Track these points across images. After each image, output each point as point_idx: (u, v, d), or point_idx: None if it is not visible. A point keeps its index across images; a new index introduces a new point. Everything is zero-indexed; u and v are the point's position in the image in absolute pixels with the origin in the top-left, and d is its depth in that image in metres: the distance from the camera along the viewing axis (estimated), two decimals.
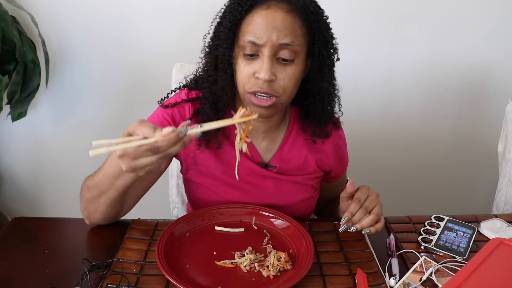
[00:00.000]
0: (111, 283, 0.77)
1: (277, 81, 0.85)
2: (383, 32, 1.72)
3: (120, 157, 0.67)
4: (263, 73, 0.82)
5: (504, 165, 1.34)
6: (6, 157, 1.93)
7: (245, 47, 0.84)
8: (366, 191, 0.89)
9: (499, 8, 1.70)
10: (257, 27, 0.82)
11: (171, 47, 1.69)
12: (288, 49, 0.83)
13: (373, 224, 0.87)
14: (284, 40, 0.82)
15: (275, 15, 0.82)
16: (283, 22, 0.82)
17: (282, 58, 0.84)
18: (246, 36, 0.83)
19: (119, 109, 1.81)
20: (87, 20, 1.67)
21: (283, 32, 0.82)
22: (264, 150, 1.01)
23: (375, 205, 0.88)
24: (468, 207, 1.96)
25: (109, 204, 0.88)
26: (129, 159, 0.67)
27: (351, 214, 0.86)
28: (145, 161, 0.67)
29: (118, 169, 0.77)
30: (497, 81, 1.81)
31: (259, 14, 0.83)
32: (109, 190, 0.84)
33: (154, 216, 0.99)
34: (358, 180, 0.91)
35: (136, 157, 0.67)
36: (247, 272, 0.81)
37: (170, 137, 0.65)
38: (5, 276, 0.81)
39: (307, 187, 1.04)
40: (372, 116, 1.86)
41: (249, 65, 0.85)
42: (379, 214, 0.88)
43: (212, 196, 1.00)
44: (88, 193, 0.88)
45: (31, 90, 1.63)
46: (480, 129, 1.91)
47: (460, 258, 0.89)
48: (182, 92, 0.99)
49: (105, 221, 0.94)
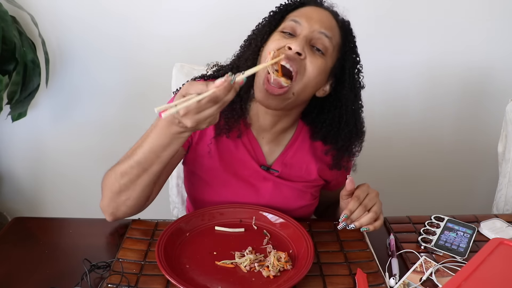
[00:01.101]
0: (111, 283, 0.77)
1: (301, 60, 0.86)
2: (383, 32, 1.72)
3: (184, 115, 0.71)
4: (295, 44, 0.84)
5: (504, 165, 1.34)
6: (6, 157, 1.93)
7: (286, 26, 0.89)
8: (366, 189, 0.89)
9: (499, 9, 1.70)
10: (304, 13, 0.89)
11: (171, 47, 1.69)
12: (323, 40, 0.87)
13: (371, 222, 0.87)
14: (324, 30, 0.87)
15: (323, 12, 0.90)
16: (327, 19, 0.89)
17: (316, 48, 0.87)
18: (291, 17, 0.89)
19: (119, 109, 1.81)
20: (87, 20, 1.67)
21: (325, 24, 0.88)
22: (268, 151, 1.01)
23: (374, 203, 0.88)
24: (468, 207, 1.96)
25: (148, 184, 0.86)
26: (192, 114, 0.71)
27: (350, 212, 0.86)
28: (207, 112, 0.72)
29: (165, 140, 0.80)
30: (497, 81, 1.82)
31: (308, 8, 0.91)
32: (154, 164, 0.83)
33: (154, 216, 0.99)
34: (358, 180, 0.91)
35: (199, 111, 0.71)
36: (247, 272, 0.81)
37: (225, 85, 0.70)
38: (5, 276, 0.81)
39: (307, 194, 1.04)
40: (372, 116, 1.85)
41: (284, 39, 0.87)
42: (378, 212, 0.88)
43: (210, 190, 1.00)
44: (122, 180, 0.86)
45: (31, 90, 1.63)
46: (480, 129, 1.91)
47: (460, 258, 0.89)
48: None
49: (136, 209, 0.91)
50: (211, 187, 1.00)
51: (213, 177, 1.00)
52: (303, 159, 1.01)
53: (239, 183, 0.99)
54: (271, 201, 1.00)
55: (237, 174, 1.00)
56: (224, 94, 0.71)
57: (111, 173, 0.88)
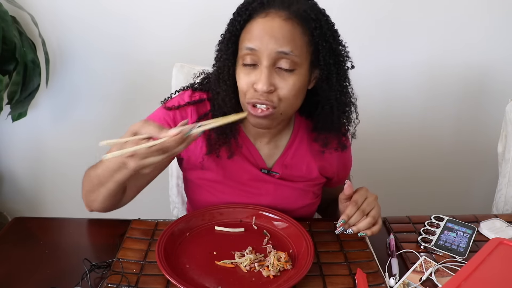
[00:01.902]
0: (111, 283, 0.77)
1: (276, 92, 0.83)
2: (382, 32, 1.72)
3: (130, 156, 0.71)
4: (260, 84, 0.81)
5: (503, 165, 1.34)
6: (7, 157, 1.93)
7: (244, 56, 0.83)
8: (364, 193, 0.88)
9: (499, 8, 1.70)
10: (255, 34, 0.81)
11: (171, 47, 1.69)
12: (287, 58, 0.81)
13: (369, 227, 0.86)
14: (282, 48, 0.80)
15: (273, 23, 0.80)
16: (281, 30, 0.80)
17: (283, 68, 0.82)
18: (244, 44, 0.83)
19: (119, 109, 1.81)
20: (87, 20, 1.67)
21: (281, 40, 0.80)
22: (267, 155, 1.00)
23: (372, 207, 0.87)
24: (468, 207, 1.95)
25: (108, 195, 0.87)
26: (138, 158, 0.70)
27: (347, 217, 0.86)
28: (153, 159, 0.71)
29: (118, 163, 0.78)
30: (497, 81, 1.82)
31: (257, 22, 0.82)
32: (108, 182, 0.83)
33: (154, 216, 0.99)
34: (358, 180, 0.91)
35: (145, 157, 0.70)
36: (247, 272, 0.81)
37: (176, 138, 0.69)
38: (6, 276, 0.81)
39: (309, 193, 1.04)
40: (371, 116, 1.85)
41: (248, 76, 0.84)
42: (376, 217, 0.87)
43: (211, 198, 1.00)
44: (89, 183, 0.88)
45: (31, 90, 1.63)
46: (480, 129, 1.91)
47: (460, 258, 0.89)
48: (185, 93, 0.98)
49: (105, 210, 0.93)
50: (211, 193, 1.00)
51: (211, 185, 1.00)
52: (303, 159, 1.01)
53: (239, 188, 0.99)
54: (273, 203, 0.99)
55: (236, 181, 0.99)
56: (175, 146, 0.70)
57: (89, 171, 0.90)
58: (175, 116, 0.95)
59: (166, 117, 0.95)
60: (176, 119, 0.95)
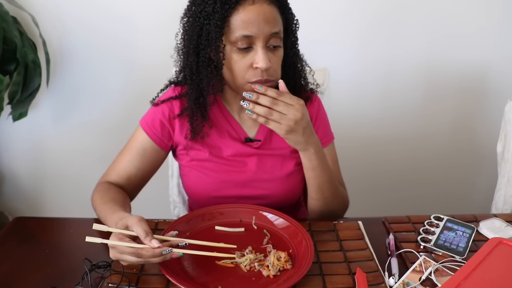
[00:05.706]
0: (112, 282, 0.78)
1: (271, 67, 0.90)
2: (381, 31, 1.72)
3: (111, 247, 0.77)
4: (261, 62, 0.88)
5: (503, 165, 1.34)
6: (7, 157, 1.93)
7: (238, 41, 0.88)
8: (295, 100, 0.87)
9: (498, 8, 1.70)
10: (250, 21, 0.87)
11: (171, 47, 1.69)
12: (276, 37, 0.90)
13: (267, 116, 0.85)
14: (274, 29, 0.89)
15: (262, 8, 0.88)
16: (271, 14, 0.89)
17: (272, 46, 0.90)
18: (239, 32, 0.87)
19: (119, 109, 1.81)
20: (87, 20, 1.68)
21: (272, 23, 0.88)
22: (249, 126, 1.05)
23: (289, 111, 0.85)
24: (467, 207, 1.96)
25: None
26: (116, 251, 0.76)
27: (257, 96, 0.86)
28: (128, 259, 0.76)
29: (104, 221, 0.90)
30: (496, 81, 1.82)
31: (248, 10, 0.87)
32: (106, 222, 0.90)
33: (155, 216, 0.99)
34: (358, 180, 0.92)
35: (122, 253, 0.76)
36: (247, 272, 0.81)
37: (154, 252, 0.74)
38: (6, 276, 0.81)
39: (291, 160, 1.06)
40: (370, 116, 1.86)
41: (245, 58, 0.89)
42: (283, 116, 0.85)
43: (202, 177, 1.04)
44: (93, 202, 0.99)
45: (32, 90, 1.64)
46: (479, 129, 1.92)
47: (459, 258, 0.89)
48: (169, 89, 1.06)
49: None
50: (201, 173, 1.04)
51: (201, 164, 1.04)
52: None
53: (225, 163, 1.04)
54: (257, 173, 1.04)
55: (221, 157, 1.04)
56: (149, 257, 0.75)
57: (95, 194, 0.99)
58: (163, 110, 1.03)
59: (156, 114, 1.03)
60: (164, 112, 1.02)
